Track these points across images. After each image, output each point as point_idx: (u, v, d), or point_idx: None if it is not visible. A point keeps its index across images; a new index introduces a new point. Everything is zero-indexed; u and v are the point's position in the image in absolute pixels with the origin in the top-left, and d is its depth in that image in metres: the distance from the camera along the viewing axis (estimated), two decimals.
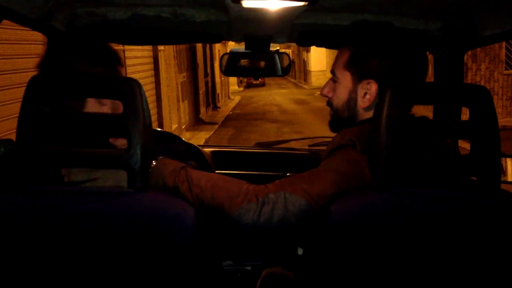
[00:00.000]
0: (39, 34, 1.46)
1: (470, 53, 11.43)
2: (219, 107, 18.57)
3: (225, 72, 2.16)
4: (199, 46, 15.03)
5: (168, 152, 1.24)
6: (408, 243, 0.99)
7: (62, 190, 0.98)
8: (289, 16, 1.51)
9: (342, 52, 1.29)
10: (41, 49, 1.27)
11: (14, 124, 0.95)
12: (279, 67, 2.16)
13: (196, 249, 0.96)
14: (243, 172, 2.23)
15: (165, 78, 10.33)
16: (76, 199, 0.94)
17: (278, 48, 2.49)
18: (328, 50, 1.54)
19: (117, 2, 1.49)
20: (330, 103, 1.32)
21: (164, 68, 10.31)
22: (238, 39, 1.89)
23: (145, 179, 0.97)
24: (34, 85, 0.95)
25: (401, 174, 0.99)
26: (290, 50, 32.25)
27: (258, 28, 1.69)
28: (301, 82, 35.22)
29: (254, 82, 32.29)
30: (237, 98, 23.39)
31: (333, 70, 1.30)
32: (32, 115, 0.94)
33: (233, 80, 28.76)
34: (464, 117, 1.25)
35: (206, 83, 16.99)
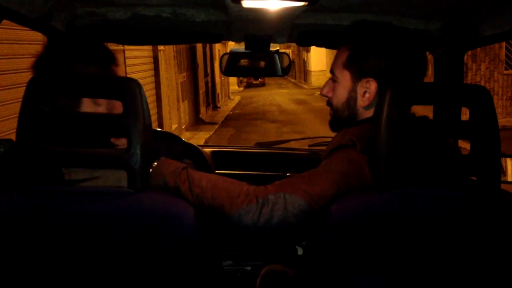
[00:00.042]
0: (39, 34, 1.46)
1: (470, 53, 11.42)
2: (219, 107, 18.56)
3: (225, 72, 2.16)
4: (199, 46, 15.03)
5: (165, 150, 1.24)
6: (408, 243, 0.99)
7: (62, 190, 0.98)
8: (289, 16, 1.51)
9: (341, 51, 1.29)
10: (40, 49, 1.25)
11: (14, 124, 0.95)
12: (279, 67, 2.15)
13: (196, 249, 0.95)
14: (243, 172, 2.23)
15: (165, 78, 10.33)
16: (76, 199, 0.94)
17: (278, 48, 2.49)
18: (328, 50, 1.54)
19: (117, 2, 1.49)
20: (330, 103, 1.32)
21: (164, 68, 10.31)
22: (238, 39, 1.89)
23: (145, 179, 0.97)
24: (34, 85, 0.95)
25: (401, 174, 0.99)
26: (290, 50, 32.25)
27: (258, 28, 1.69)
28: (301, 82, 35.21)
29: (254, 82, 32.26)
30: (237, 98, 23.38)
31: (332, 69, 1.30)
32: (32, 115, 0.94)
33: (233, 80, 28.74)
34: (464, 117, 1.25)
35: (206, 83, 16.98)
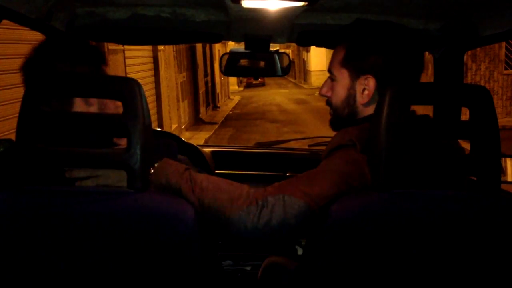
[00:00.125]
0: (39, 34, 1.46)
1: (470, 53, 11.42)
2: (219, 107, 18.56)
3: (225, 72, 2.16)
4: (199, 46, 15.03)
5: (159, 147, 1.24)
6: (408, 243, 0.99)
7: (62, 190, 0.98)
8: (289, 16, 1.51)
9: (338, 50, 1.29)
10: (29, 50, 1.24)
11: (14, 124, 0.95)
12: (279, 67, 2.15)
13: (196, 249, 0.95)
14: (243, 172, 2.23)
15: (165, 78, 10.33)
16: (76, 199, 0.94)
17: (278, 48, 2.49)
18: (328, 50, 1.54)
19: (117, 2, 1.49)
20: (329, 102, 1.32)
21: (164, 68, 10.31)
22: (238, 39, 1.89)
23: (145, 179, 0.97)
24: (34, 85, 0.95)
25: (401, 174, 0.99)
26: (290, 50, 32.25)
27: (258, 28, 1.69)
28: (301, 82, 35.20)
29: (254, 82, 32.25)
30: (237, 98, 23.37)
31: (330, 69, 1.30)
32: (32, 115, 0.94)
33: (233, 80, 28.73)
34: (464, 117, 1.25)
35: (206, 83, 16.98)
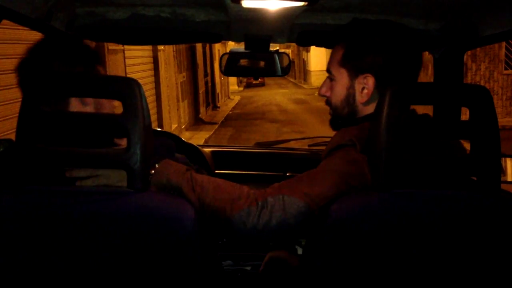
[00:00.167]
0: (39, 34, 1.46)
1: (470, 53, 11.41)
2: (219, 107, 18.56)
3: (224, 72, 2.16)
4: (199, 46, 15.02)
5: (157, 146, 1.24)
6: (408, 243, 0.99)
7: (62, 190, 0.98)
8: (289, 16, 1.51)
9: (336, 50, 1.29)
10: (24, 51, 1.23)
11: (14, 124, 0.95)
12: (279, 67, 2.15)
13: (196, 249, 0.95)
14: (243, 172, 2.23)
15: (165, 78, 10.32)
16: (76, 199, 0.94)
17: (278, 48, 2.48)
18: (328, 50, 1.54)
19: (117, 2, 1.49)
20: (329, 102, 1.32)
21: (164, 68, 10.30)
22: (238, 39, 1.89)
23: (145, 179, 0.97)
24: (34, 85, 0.95)
25: (401, 174, 0.99)
26: (290, 50, 32.24)
27: (258, 28, 1.69)
28: (301, 82, 35.19)
29: (254, 82, 32.24)
30: (236, 98, 23.36)
31: (328, 69, 1.30)
32: (31, 115, 0.94)
33: (232, 80, 28.71)
34: (464, 117, 1.25)
35: (206, 83, 16.98)
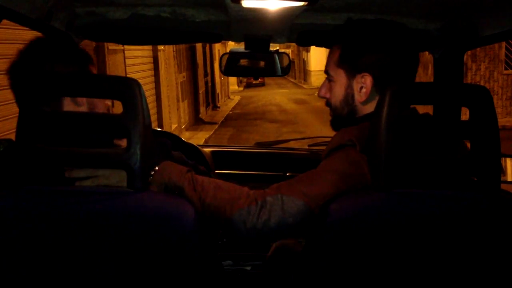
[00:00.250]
0: (39, 34, 1.46)
1: (470, 53, 11.41)
2: (219, 107, 18.56)
3: (224, 72, 2.16)
4: (199, 46, 15.02)
5: (156, 145, 1.25)
6: (407, 243, 0.99)
7: (61, 190, 0.98)
8: (289, 16, 1.51)
9: (333, 51, 1.30)
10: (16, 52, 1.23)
11: (14, 124, 0.95)
12: (279, 67, 2.16)
13: (196, 249, 0.95)
14: (243, 172, 2.23)
15: (165, 78, 10.33)
16: (76, 199, 0.94)
17: (278, 48, 2.49)
18: (328, 50, 1.54)
19: (117, 2, 1.49)
20: (328, 103, 1.33)
21: (164, 68, 10.30)
22: (238, 39, 1.89)
23: (145, 179, 0.97)
24: (33, 85, 0.95)
25: (401, 174, 0.99)
26: (290, 50, 32.24)
27: (257, 28, 1.69)
28: (301, 82, 35.19)
29: (254, 82, 32.24)
30: (236, 98, 23.37)
31: (326, 70, 1.31)
32: (31, 115, 0.94)
33: (232, 80, 28.71)
34: (464, 117, 1.25)
35: (206, 83, 16.98)
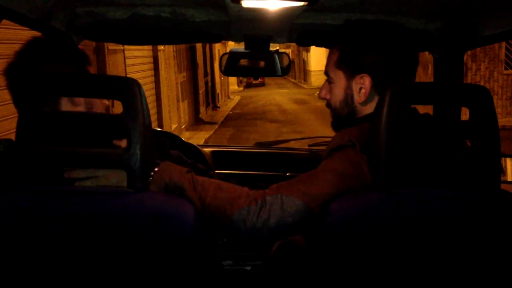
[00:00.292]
0: (39, 34, 1.46)
1: (469, 53, 11.41)
2: (219, 107, 18.56)
3: (224, 72, 2.16)
4: (199, 46, 15.02)
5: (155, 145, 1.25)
6: (407, 243, 0.99)
7: (61, 190, 0.98)
8: (289, 16, 1.51)
9: (332, 52, 1.31)
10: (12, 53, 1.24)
11: (14, 124, 0.95)
12: (279, 67, 2.16)
13: (196, 249, 0.96)
14: (243, 172, 2.23)
15: (165, 78, 10.33)
16: (76, 199, 0.94)
17: (278, 48, 2.49)
18: (328, 50, 1.54)
19: (117, 2, 1.48)
20: (329, 104, 1.34)
21: (164, 68, 10.31)
22: (238, 39, 1.89)
23: (145, 179, 0.97)
24: (33, 84, 0.95)
25: (401, 174, 0.99)
26: (290, 50, 32.24)
27: (257, 28, 1.69)
28: (301, 82, 35.19)
29: (254, 82, 32.26)
30: (236, 98, 23.37)
31: (326, 71, 1.33)
32: (31, 115, 0.94)
33: (232, 80, 28.72)
34: (464, 117, 1.25)
35: (206, 83, 16.98)
